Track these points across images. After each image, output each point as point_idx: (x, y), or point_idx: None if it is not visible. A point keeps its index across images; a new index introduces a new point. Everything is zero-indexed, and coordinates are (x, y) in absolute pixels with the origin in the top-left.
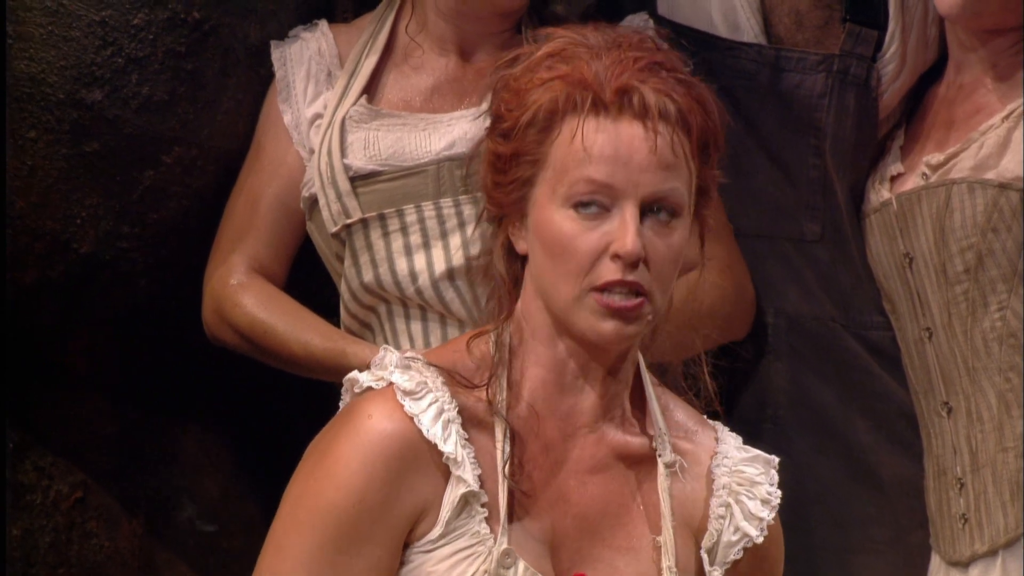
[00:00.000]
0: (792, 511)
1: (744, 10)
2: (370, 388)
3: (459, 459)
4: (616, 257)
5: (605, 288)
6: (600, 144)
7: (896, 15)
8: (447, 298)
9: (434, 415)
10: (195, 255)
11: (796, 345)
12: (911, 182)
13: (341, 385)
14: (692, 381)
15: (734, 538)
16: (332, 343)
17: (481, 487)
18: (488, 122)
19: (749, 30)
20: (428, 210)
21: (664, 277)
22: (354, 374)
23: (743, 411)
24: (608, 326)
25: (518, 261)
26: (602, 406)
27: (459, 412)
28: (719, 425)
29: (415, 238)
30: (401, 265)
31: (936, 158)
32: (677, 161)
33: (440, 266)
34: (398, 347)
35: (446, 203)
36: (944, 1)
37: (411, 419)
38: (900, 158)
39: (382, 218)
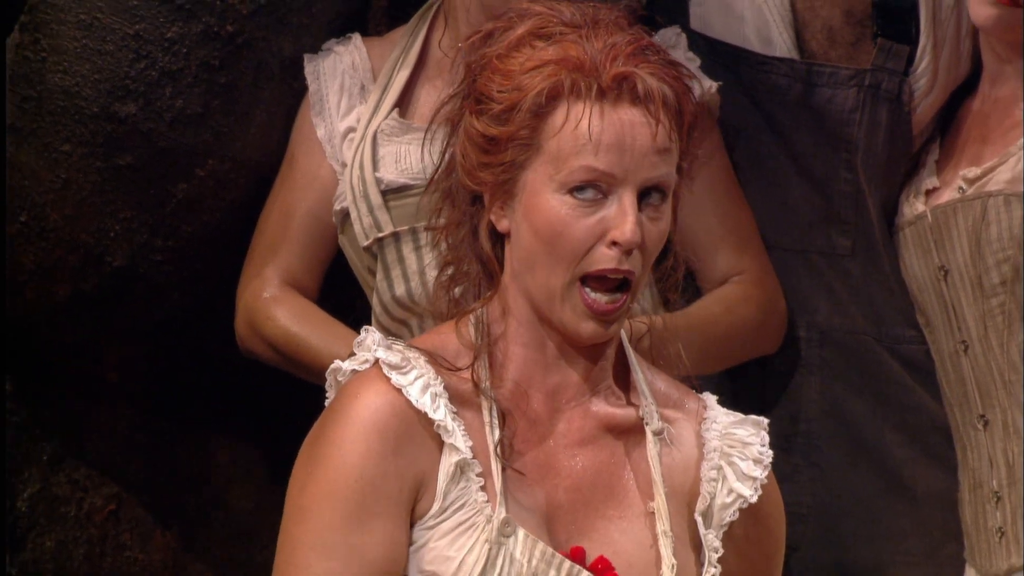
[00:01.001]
0: (825, 524)
1: (776, 25)
2: (354, 372)
3: (450, 428)
4: (614, 244)
5: (598, 276)
6: (602, 132)
7: (928, 30)
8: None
9: (421, 387)
10: (228, 268)
11: (828, 359)
12: (946, 195)
13: None
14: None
15: (728, 500)
16: None
17: (474, 459)
18: (469, 100)
19: (782, 44)
20: None
21: (649, 261)
22: (336, 363)
23: (775, 424)
24: (588, 327)
25: (500, 241)
26: (587, 381)
27: (445, 388)
28: (706, 394)
29: None
30: (432, 278)
31: (972, 172)
32: (671, 146)
33: None
34: None
35: None
36: (979, 12)
37: (399, 391)
38: (935, 172)
39: (414, 232)
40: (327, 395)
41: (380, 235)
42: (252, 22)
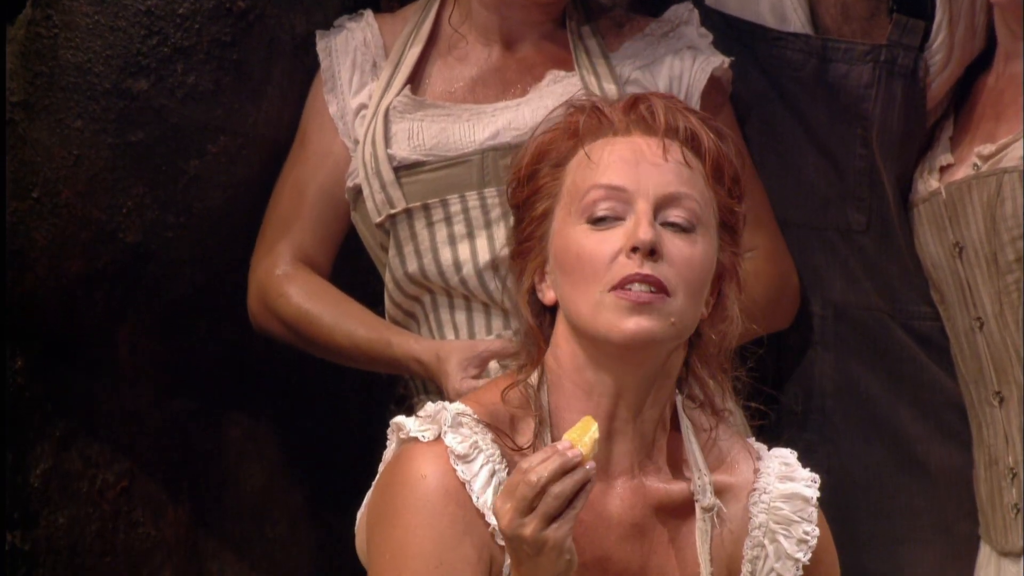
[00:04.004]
0: (839, 501)
1: (791, 0)
2: (415, 438)
3: None
4: (632, 251)
5: (623, 284)
6: (609, 153)
7: (943, 5)
8: (491, 288)
9: (486, 478)
10: (240, 245)
11: (843, 335)
12: (961, 172)
13: (386, 375)
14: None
15: None
16: (377, 333)
17: None
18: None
19: (796, 20)
20: (472, 200)
21: (688, 282)
22: (401, 419)
23: (790, 401)
24: (630, 324)
25: (547, 314)
26: (638, 451)
27: (508, 471)
28: (763, 451)
29: (459, 228)
30: (445, 255)
31: (987, 148)
32: (692, 172)
33: (484, 256)
34: (442, 337)
35: (490, 193)
36: None
37: (463, 485)
38: (949, 148)
39: (426, 208)
40: (388, 443)
41: (392, 212)
42: None
